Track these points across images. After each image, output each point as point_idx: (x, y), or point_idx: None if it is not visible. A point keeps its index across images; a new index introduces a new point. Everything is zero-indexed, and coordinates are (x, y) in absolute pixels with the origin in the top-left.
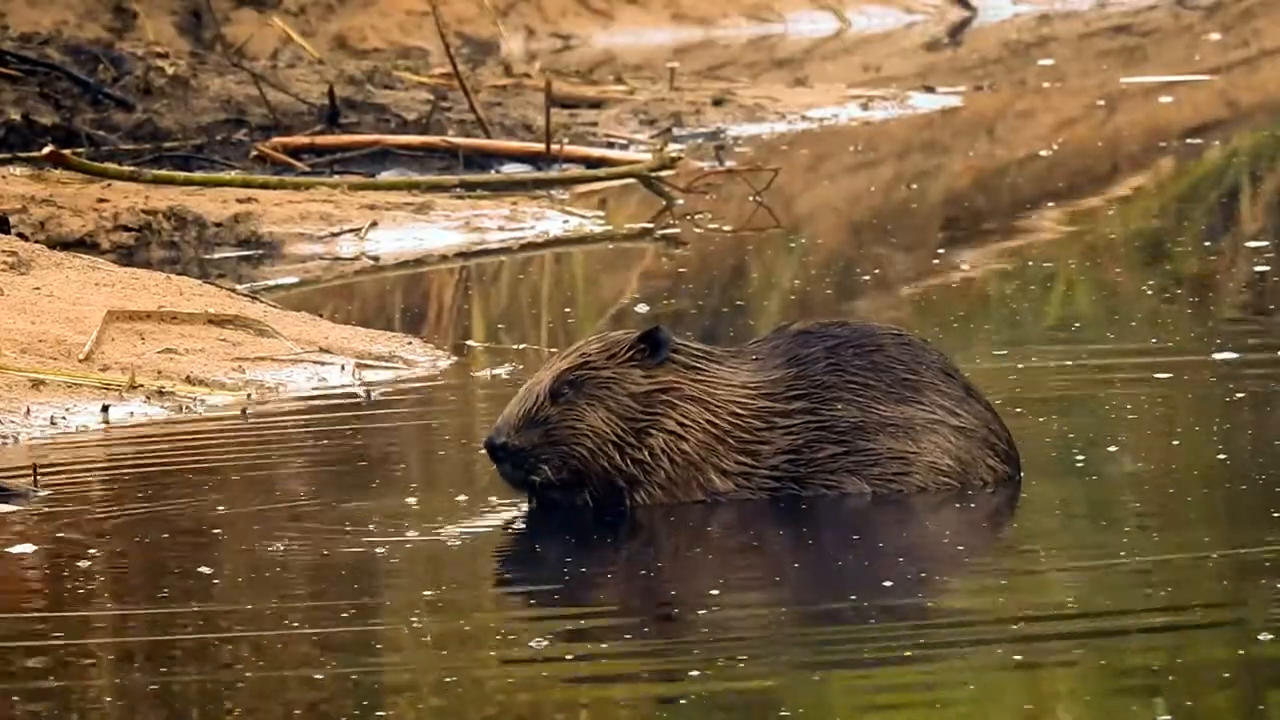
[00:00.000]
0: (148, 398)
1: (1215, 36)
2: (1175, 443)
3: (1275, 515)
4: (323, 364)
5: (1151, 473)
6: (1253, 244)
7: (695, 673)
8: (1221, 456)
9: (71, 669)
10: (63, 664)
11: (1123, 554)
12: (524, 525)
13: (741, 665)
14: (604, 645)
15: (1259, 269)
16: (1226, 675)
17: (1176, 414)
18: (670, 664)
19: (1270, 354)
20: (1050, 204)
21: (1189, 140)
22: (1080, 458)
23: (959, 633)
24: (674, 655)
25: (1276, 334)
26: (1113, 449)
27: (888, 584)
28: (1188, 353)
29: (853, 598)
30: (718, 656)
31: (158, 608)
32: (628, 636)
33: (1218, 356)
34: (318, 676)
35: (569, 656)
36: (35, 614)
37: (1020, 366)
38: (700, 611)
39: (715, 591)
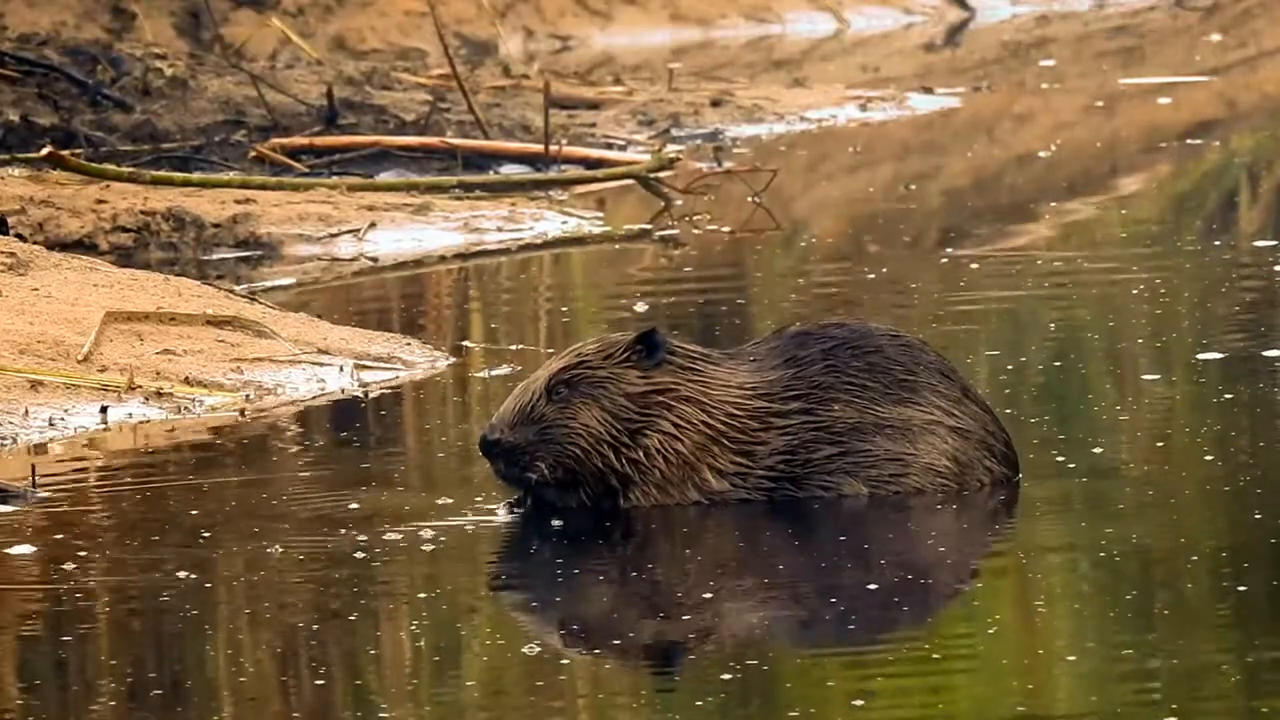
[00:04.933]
0: (146, 399)
1: (1214, 37)
2: (1162, 444)
3: (1258, 516)
4: (321, 365)
5: (1144, 473)
6: (1253, 245)
7: (692, 675)
8: (1209, 458)
9: (67, 670)
10: (58, 665)
11: (1118, 555)
12: (519, 526)
13: (737, 668)
14: (598, 650)
15: (1259, 270)
16: (1223, 671)
17: (1171, 415)
18: (667, 665)
19: (1262, 354)
20: (1049, 204)
21: (1188, 141)
22: (1073, 459)
23: (956, 631)
24: (670, 658)
25: (1271, 335)
26: (1101, 450)
27: (872, 587)
28: (1181, 353)
29: (836, 602)
30: (712, 660)
31: (156, 608)
32: (618, 642)
33: (1203, 356)
34: (315, 680)
35: (563, 660)
36: (32, 614)
37: (1010, 368)
38: (689, 617)
39: (709, 595)
